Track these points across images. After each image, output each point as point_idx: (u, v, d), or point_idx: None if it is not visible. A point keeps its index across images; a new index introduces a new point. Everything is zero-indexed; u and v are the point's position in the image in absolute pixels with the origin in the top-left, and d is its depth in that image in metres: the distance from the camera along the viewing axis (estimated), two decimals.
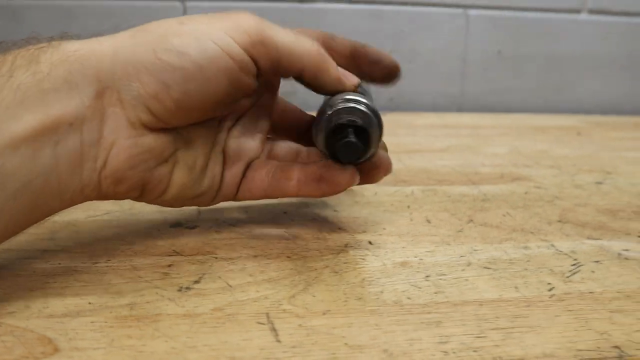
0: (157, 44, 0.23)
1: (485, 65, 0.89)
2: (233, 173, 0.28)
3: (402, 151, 0.54)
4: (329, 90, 0.27)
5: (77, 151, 0.22)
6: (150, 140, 0.24)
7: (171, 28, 0.24)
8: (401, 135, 0.64)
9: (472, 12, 0.86)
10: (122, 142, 0.23)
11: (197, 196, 0.28)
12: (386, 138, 0.29)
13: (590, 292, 0.25)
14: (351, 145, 0.26)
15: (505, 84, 0.90)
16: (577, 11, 0.90)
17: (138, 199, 0.26)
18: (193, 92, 0.23)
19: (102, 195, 0.24)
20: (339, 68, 0.27)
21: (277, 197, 0.29)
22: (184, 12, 0.77)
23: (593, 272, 0.27)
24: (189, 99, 0.24)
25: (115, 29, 0.25)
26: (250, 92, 0.26)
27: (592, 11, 0.90)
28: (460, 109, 0.89)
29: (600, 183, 0.45)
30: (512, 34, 0.88)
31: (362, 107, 0.26)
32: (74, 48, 0.23)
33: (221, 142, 0.28)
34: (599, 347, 0.20)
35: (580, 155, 0.57)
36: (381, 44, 0.82)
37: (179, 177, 0.26)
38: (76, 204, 0.24)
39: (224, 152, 0.28)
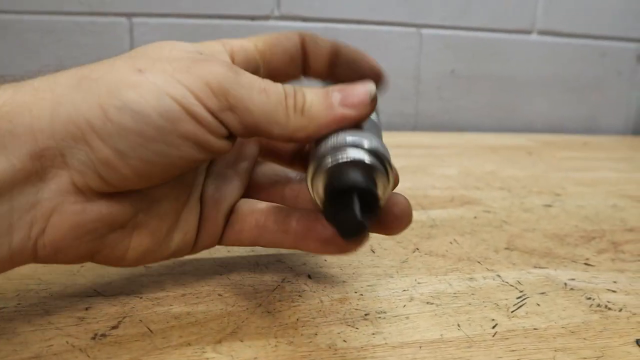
0: (106, 99, 0.19)
1: (438, 84, 0.89)
2: (213, 222, 0.24)
3: None
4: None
5: (5, 218, 0.19)
6: (102, 206, 0.20)
7: (125, 78, 0.19)
8: None
9: (425, 31, 0.86)
10: (66, 208, 0.20)
11: (168, 256, 0.24)
12: None
13: (535, 329, 0.24)
14: (353, 223, 0.19)
15: (459, 103, 0.91)
16: (528, 32, 0.92)
17: (91, 261, 0.22)
18: (154, 158, 0.20)
19: (40, 261, 0.21)
20: (335, 97, 0.22)
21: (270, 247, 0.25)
22: (131, 28, 0.74)
23: (538, 305, 0.26)
24: (149, 166, 0.20)
25: (57, 56, 0.22)
26: (225, 152, 0.22)
27: (541, 32, 0.92)
28: (415, 128, 0.89)
29: (549, 206, 0.44)
30: (465, 53, 0.89)
31: (364, 158, 0.20)
32: (1, 100, 0.19)
33: (198, 190, 0.24)
34: None
35: (530, 175, 0.57)
36: None
37: (140, 243, 0.22)
38: (6, 271, 0.20)
39: (202, 200, 0.24)
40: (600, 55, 0.96)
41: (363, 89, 0.22)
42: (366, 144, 0.21)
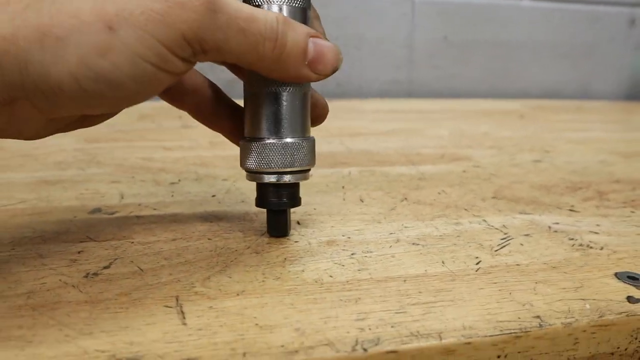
0: (78, 69, 0.18)
1: (432, 52, 0.89)
2: None
3: (346, 134, 0.53)
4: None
5: None
6: None
7: (95, 41, 0.18)
8: (346, 119, 0.63)
9: None
10: None
11: None
12: (330, 122, 0.28)
13: (517, 265, 0.24)
14: (284, 230, 0.26)
15: (452, 70, 0.91)
16: None
17: None
18: (122, 107, 0.21)
19: None
20: (312, 52, 0.22)
21: None
22: None
23: (522, 245, 0.27)
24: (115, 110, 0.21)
25: None
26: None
27: None
28: (409, 95, 0.89)
29: (538, 161, 0.45)
30: (457, 20, 0.89)
31: (292, 179, 0.24)
32: None
33: None
34: (519, 318, 0.20)
35: (522, 136, 0.57)
36: (327, 30, 0.81)
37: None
38: None
39: None
40: (593, 20, 0.96)
41: (333, 59, 0.23)
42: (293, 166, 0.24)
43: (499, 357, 0.19)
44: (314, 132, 0.25)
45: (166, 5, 0.19)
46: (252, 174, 0.24)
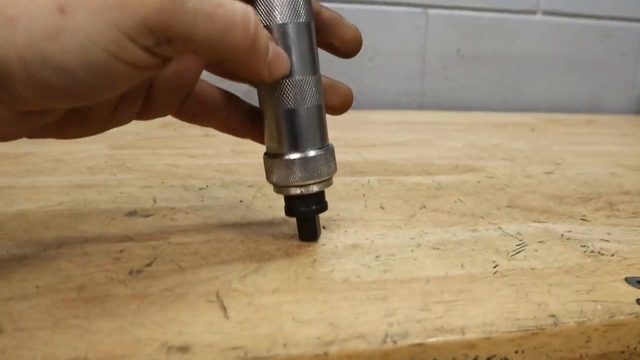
0: (26, 51, 0.17)
1: (444, 64, 0.91)
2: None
3: (361, 145, 0.55)
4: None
5: None
6: (34, 120, 0.21)
7: (45, 23, 0.17)
8: (360, 130, 0.65)
9: (431, 11, 0.88)
10: None
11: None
12: (346, 134, 0.30)
13: (532, 269, 0.26)
14: (314, 235, 0.27)
15: (464, 83, 0.92)
16: (533, 12, 0.93)
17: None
18: (82, 96, 0.19)
19: None
20: (270, 51, 0.22)
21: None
22: None
23: (536, 250, 0.28)
24: (76, 106, 0.20)
25: None
26: (161, 69, 0.21)
27: (546, 12, 0.93)
28: (421, 107, 0.91)
29: (549, 173, 0.46)
30: (470, 33, 0.91)
31: (318, 189, 0.26)
32: None
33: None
34: (535, 316, 0.21)
35: (532, 148, 0.59)
36: None
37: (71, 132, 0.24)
38: None
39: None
40: (605, 35, 0.98)
41: (285, 64, 0.23)
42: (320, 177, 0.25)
43: (516, 352, 0.20)
44: (331, 138, 0.27)
45: None
46: (279, 187, 0.26)
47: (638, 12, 0.98)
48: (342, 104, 0.27)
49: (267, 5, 0.23)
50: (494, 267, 0.26)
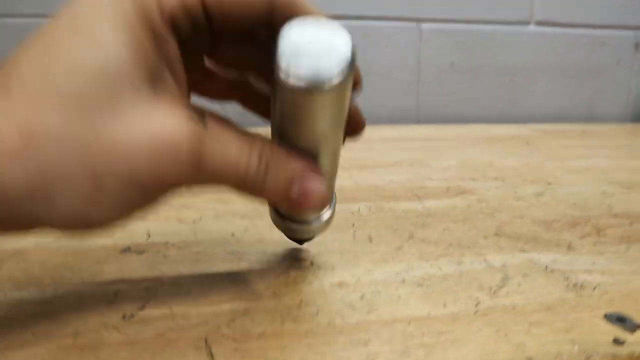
0: (67, 218, 0.20)
1: (439, 77, 0.92)
2: None
3: (354, 167, 0.55)
4: None
5: None
6: None
7: (84, 190, 0.19)
8: (355, 150, 0.65)
9: (425, 25, 0.89)
10: None
11: None
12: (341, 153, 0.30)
13: (514, 307, 0.26)
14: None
15: (460, 96, 0.93)
16: (526, 23, 0.94)
17: None
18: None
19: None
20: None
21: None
22: None
23: (519, 285, 0.29)
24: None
25: None
26: None
27: (539, 23, 0.94)
28: (418, 120, 0.92)
29: (540, 194, 0.47)
30: (464, 46, 0.92)
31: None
32: None
33: None
34: (513, 359, 0.22)
35: (525, 164, 0.59)
36: None
37: None
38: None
39: None
40: (599, 44, 0.98)
41: (317, 203, 0.24)
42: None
43: None
44: None
45: (149, 162, 0.20)
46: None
47: (630, 20, 0.99)
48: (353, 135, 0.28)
49: None
50: (476, 305, 0.26)
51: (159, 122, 0.20)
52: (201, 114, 0.21)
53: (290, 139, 0.23)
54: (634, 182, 0.53)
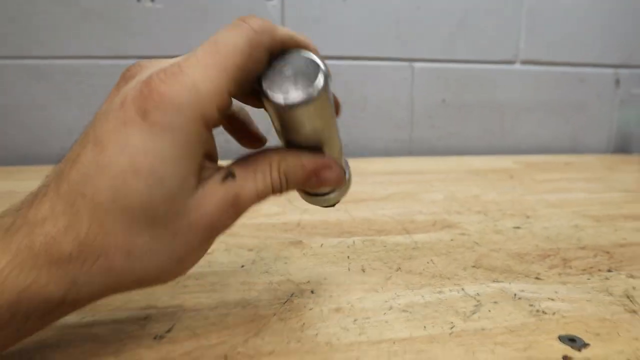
0: (109, 291, 0.25)
1: (431, 113, 0.97)
2: None
3: (350, 201, 0.60)
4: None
5: None
6: None
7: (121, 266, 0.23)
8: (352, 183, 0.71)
9: (417, 64, 0.95)
10: None
11: None
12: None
13: (483, 329, 0.31)
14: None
15: (450, 130, 0.99)
16: (512, 62, 1.00)
17: None
18: None
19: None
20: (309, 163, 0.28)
21: None
22: None
23: (489, 311, 0.34)
24: None
25: (83, 95, 0.26)
26: None
27: (524, 62, 1.00)
28: (410, 153, 0.97)
29: (517, 228, 0.52)
30: (454, 84, 0.97)
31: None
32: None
33: None
34: None
35: (507, 199, 0.65)
36: (335, 93, 0.90)
37: None
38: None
39: None
40: (581, 80, 1.04)
41: (334, 177, 0.29)
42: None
43: None
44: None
45: (209, 233, 0.26)
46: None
47: (609, 58, 1.05)
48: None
49: None
50: (451, 328, 0.31)
51: (211, 202, 0.25)
52: (228, 171, 0.26)
53: (296, 142, 0.28)
54: (605, 216, 0.58)
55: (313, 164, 0.28)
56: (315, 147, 0.29)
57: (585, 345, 0.30)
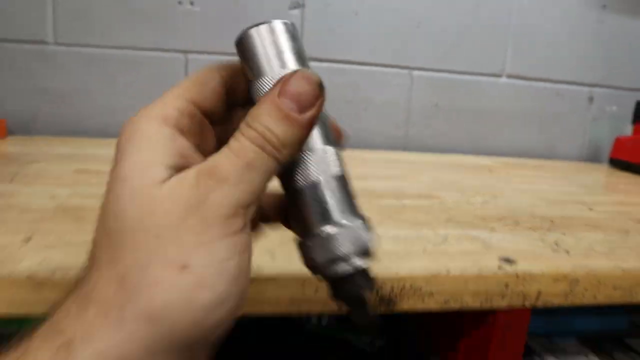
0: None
1: (425, 115, 1.11)
2: None
3: (354, 178, 0.74)
4: None
5: None
6: None
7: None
8: (355, 166, 0.84)
9: (415, 72, 1.09)
10: None
11: None
12: None
13: (447, 251, 0.45)
14: (368, 321, 0.25)
15: (441, 131, 1.13)
16: (499, 75, 1.14)
17: None
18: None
19: None
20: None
21: None
22: (186, 64, 0.97)
23: (453, 244, 0.47)
24: None
25: (128, 82, 0.37)
26: None
27: (509, 76, 1.15)
28: (406, 148, 1.11)
29: (486, 202, 0.66)
30: (446, 91, 1.12)
31: (363, 265, 0.25)
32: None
33: None
34: (439, 271, 0.40)
35: (482, 185, 0.78)
36: (342, 93, 1.05)
37: None
38: None
39: None
40: (558, 96, 1.19)
41: (309, 83, 0.24)
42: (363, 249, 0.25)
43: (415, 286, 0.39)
44: None
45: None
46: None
47: (584, 78, 1.19)
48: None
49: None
50: (424, 249, 0.45)
51: (183, 185, 0.22)
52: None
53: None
54: (559, 200, 0.72)
55: (273, 89, 0.24)
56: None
57: (515, 262, 0.43)
